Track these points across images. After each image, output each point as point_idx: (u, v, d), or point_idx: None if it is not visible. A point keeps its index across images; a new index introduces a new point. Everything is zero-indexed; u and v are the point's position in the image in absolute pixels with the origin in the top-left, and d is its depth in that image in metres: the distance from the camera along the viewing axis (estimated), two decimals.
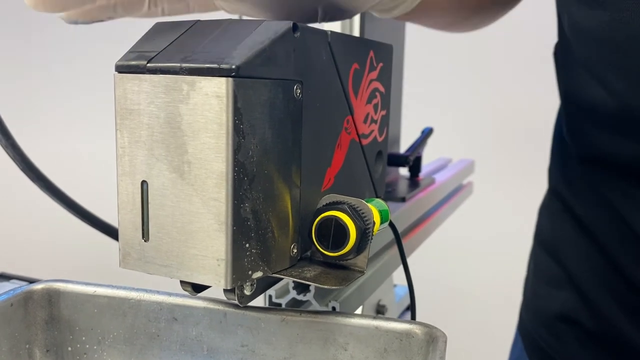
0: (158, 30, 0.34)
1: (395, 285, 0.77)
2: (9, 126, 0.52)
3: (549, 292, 0.61)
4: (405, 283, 0.50)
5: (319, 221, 0.35)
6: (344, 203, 0.35)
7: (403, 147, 0.75)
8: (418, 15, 0.54)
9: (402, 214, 0.60)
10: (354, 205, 0.35)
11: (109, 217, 0.53)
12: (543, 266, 0.63)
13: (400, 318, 0.74)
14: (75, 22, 0.41)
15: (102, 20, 0.41)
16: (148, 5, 0.39)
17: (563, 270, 0.59)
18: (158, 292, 0.40)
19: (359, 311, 0.60)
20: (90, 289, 0.41)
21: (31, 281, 0.62)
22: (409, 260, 0.61)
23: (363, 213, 0.35)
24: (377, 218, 0.37)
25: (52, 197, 0.55)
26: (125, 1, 0.39)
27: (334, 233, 0.34)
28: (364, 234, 0.35)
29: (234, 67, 0.29)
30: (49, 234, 1.56)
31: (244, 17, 0.40)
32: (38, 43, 1.66)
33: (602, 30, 0.43)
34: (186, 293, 0.36)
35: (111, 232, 0.57)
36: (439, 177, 0.78)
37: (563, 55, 0.55)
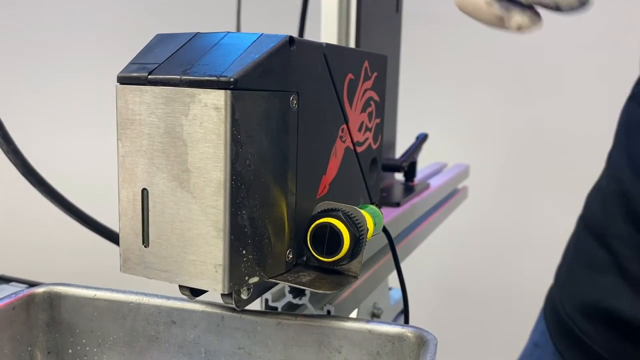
0: (159, 41, 0.35)
1: (390, 288, 0.78)
2: (12, 128, 0.53)
3: (590, 276, 0.61)
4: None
5: (313, 228, 0.36)
6: (338, 210, 0.36)
7: (399, 150, 0.76)
8: None
9: (397, 219, 0.62)
10: (348, 212, 0.36)
11: (110, 218, 0.54)
12: (586, 250, 0.63)
13: (395, 320, 0.75)
14: None
15: None
16: None
17: (609, 253, 0.59)
18: (157, 296, 0.41)
19: (354, 314, 0.61)
20: (90, 293, 0.41)
21: (31, 284, 0.63)
22: (405, 264, 0.62)
23: (357, 220, 0.36)
24: (370, 224, 0.38)
25: (53, 201, 0.56)
26: None
27: (329, 239, 0.35)
28: (358, 241, 0.36)
29: (232, 79, 0.30)
30: (49, 237, 1.57)
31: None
32: (37, 44, 1.67)
33: None
34: (184, 297, 0.37)
35: (111, 236, 0.58)
36: (434, 182, 0.79)
37: None
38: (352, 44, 0.59)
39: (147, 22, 1.51)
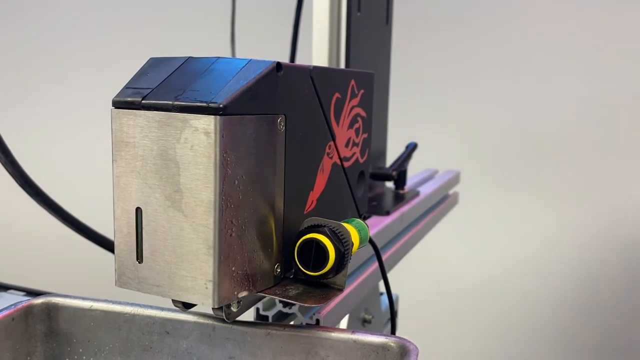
0: (152, 66, 0.36)
1: (382, 294, 0.79)
2: (13, 132, 0.55)
3: None
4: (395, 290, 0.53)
5: (300, 243, 0.37)
6: (324, 226, 0.38)
7: (391, 157, 0.78)
8: None
9: (386, 228, 0.63)
10: (334, 228, 0.38)
11: (106, 218, 0.56)
12: None
13: (385, 325, 0.77)
14: None
15: None
16: None
17: None
18: (151, 307, 0.42)
19: (344, 320, 0.62)
20: (87, 304, 0.43)
21: (29, 292, 0.64)
22: (395, 271, 0.64)
23: (342, 235, 0.38)
24: (355, 238, 0.40)
25: (49, 210, 0.58)
26: None
27: (315, 254, 0.37)
28: (343, 255, 0.37)
29: (221, 106, 0.31)
30: (47, 245, 1.58)
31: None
32: (37, 44, 1.68)
33: None
34: (177, 308, 0.39)
35: (106, 244, 0.60)
36: (424, 189, 0.81)
37: None
38: (342, 57, 0.61)
39: (144, 43, 1.52)
